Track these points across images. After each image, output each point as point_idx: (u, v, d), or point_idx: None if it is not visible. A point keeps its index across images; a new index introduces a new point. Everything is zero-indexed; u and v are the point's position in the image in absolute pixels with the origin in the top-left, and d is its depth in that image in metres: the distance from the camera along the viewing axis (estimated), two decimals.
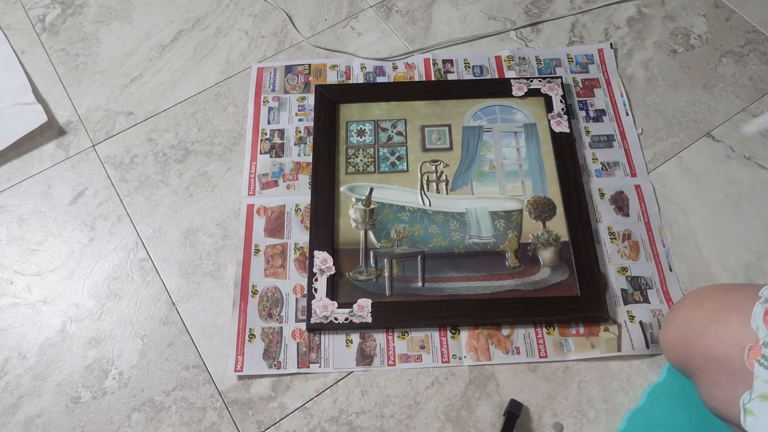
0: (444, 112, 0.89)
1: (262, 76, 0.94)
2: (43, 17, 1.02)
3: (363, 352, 0.73)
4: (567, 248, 0.78)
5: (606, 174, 0.85)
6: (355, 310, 0.74)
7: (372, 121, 0.89)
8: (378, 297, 0.76)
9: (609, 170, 0.85)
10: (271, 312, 0.76)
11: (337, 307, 0.74)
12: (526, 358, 0.72)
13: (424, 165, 0.85)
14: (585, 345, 0.73)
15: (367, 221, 0.81)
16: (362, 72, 0.94)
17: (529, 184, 0.84)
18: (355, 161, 0.85)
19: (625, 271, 0.78)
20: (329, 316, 0.74)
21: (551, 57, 0.96)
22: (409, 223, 0.81)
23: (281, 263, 0.79)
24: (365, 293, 0.76)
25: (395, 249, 0.79)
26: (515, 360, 0.73)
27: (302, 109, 0.91)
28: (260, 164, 0.86)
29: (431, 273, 0.77)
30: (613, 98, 0.92)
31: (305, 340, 0.74)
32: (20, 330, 0.76)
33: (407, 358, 0.73)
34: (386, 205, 0.82)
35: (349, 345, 0.74)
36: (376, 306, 0.75)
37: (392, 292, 0.76)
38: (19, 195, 0.86)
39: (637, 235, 0.80)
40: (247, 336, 0.74)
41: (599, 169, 0.85)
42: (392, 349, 0.73)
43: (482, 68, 0.95)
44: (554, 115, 0.88)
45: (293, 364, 0.72)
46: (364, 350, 0.73)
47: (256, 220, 0.82)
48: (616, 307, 0.75)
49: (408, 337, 0.74)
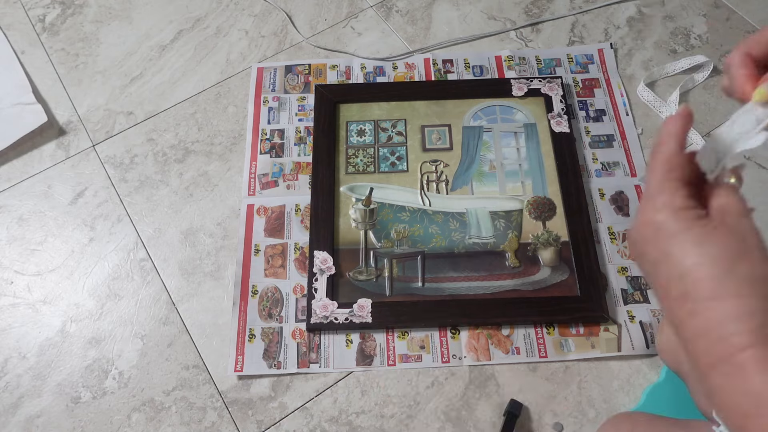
0: (444, 112, 0.89)
1: (262, 76, 0.94)
2: (43, 17, 1.02)
3: (363, 352, 0.73)
4: (567, 248, 0.78)
5: (606, 174, 0.85)
6: (355, 310, 0.74)
7: (372, 121, 0.89)
8: (378, 297, 0.76)
9: (609, 170, 0.85)
10: (271, 312, 0.76)
11: (337, 307, 0.74)
12: (526, 358, 0.72)
13: (424, 165, 0.85)
14: (585, 345, 0.73)
15: (367, 221, 0.81)
16: (362, 72, 0.94)
17: (529, 184, 0.84)
18: (355, 161, 0.85)
19: (625, 271, 0.78)
20: (329, 316, 0.74)
21: (551, 57, 0.96)
22: (409, 223, 0.81)
23: (281, 263, 0.79)
24: (365, 293, 0.76)
25: (395, 249, 0.79)
26: (515, 360, 0.72)
27: (302, 109, 0.91)
28: (260, 164, 0.86)
29: (431, 273, 0.77)
30: (613, 98, 0.92)
31: (305, 340, 0.74)
32: (20, 330, 0.76)
33: (407, 358, 0.73)
34: (386, 205, 0.82)
35: (349, 345, 0.74)
36: (376, 306, 0.75)
37: (392, 292, 0.76)
38: (19, 195, 0.86)
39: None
40: (247, 336, 0.74)
41: (599, 169, 0.85)
42: (392, 349, 0.73)
43: (482, 68, 0.95)
44: (554, 115, 0.88)
45: (293, 364, 0.72)
46: (364, 350, 0.73)
47: (256, 220, 0.82)
48: (616, 307, 0.75)
49: (408, 337, 0.74)
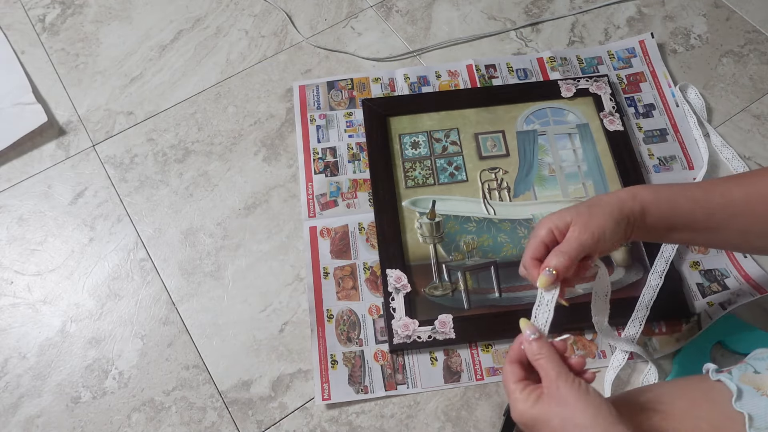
0: (495, 119, 0.88)
1: (305, 94, 0.92)
2: (43, 17, 1.02)
3: (449, 368, 0.72)
4: (637, 247, 0.77)
5: (664, 169, 0.84)
6: (437, 327, 0.72)
7: (424, 132, 0.87)
8: (457, 311, 0.74)
9: (667, 165, 0.84)
10: (349, 336, 0.74)
11: (418, 326, 0.72)
12: (612, 361, 0.71)
13: (483, 173, 0.84)
14: (669, 341, 0.72)
15: (435, 235, 0.79)
16: (406, 83, 0.93)
17: (591, 185, 0.83)
18: (413, 174, 0.84)
19: (698, 265, 0.77)
20: (412, 335, 0.72)
21: (592, 56, 0.95)
22: (476, 233, 0.79)
23: (352, 285, 0.77)
24: (443, 308, 0.74)
25: (466, 261, 0.78)
26: (602, 364, 0.71)
27: (351, 125, 0.89)
28: (316, 184, 0.84)
29: (506, 282, 0.76)
30: (661, 90, 0.91)
31: (388, 361, 0.72)
32: (20, 330, 0.76)
33: (495, 371, 0.71)
34: (451, 217, 0.81)
35: (434, 363, 0.72)
36: (457, 321, 0.73)
37: (470, 305, 0.75)
38: (19, 195, 0.86)
39: None
40: (329, 362, 0.72)
41: (657, 164, 0.84)
42: (478, 363, 0.72)
43: (526, 71, 0.93)
44: (606, 114, 0.87)
45: (380, 387, 0.71)
46: (450, 367, 0.72)
47: (321, 243, 0.80)
48: (695, 301, 0.75)
49: (492, 350, 0.73)
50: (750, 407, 0.51)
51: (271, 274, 0.79)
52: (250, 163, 0.87)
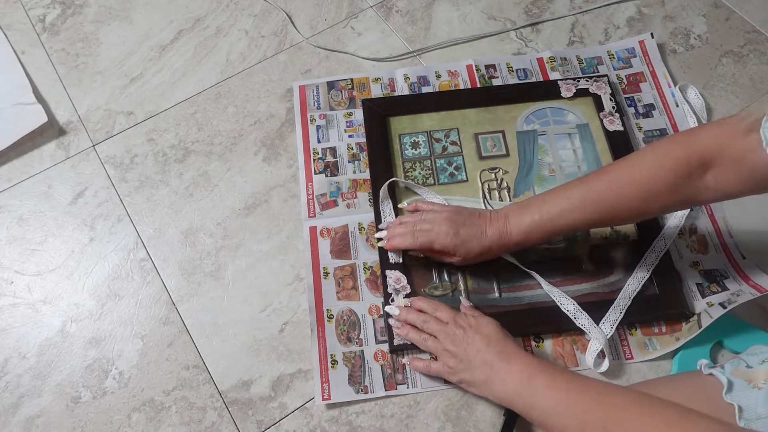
0: (495, 119, 0.88)
1: (305, 95, 0.92)
2: (43, 17, 1.02)
3: None
4: (638, 247, 0.78)
5: None
6: None
7: (424, 132, 0.87)
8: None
9: None
10: (349, 336, 0.74)
11: None
12: (612, 361, 0.71)
13: (483, 173, 0.84)
14: (669, 341, 0.72)
15: None
16: (406, 83, 0.93)
17: None
18: (414, 174, 0.84)
19: (697, 265, 0.77)
20: None
21: (591, 56, 0.95)
22: None
23: (352, 285, 0.77)
24: None
25: None
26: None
27: (351, 125, 0.89)
28: (316, 184, 0.84)
29: (506, 282, 0.76)
30: (661, 90, 0.91)
31: (389, 361, 0.72)
32: (20, 330, 0.76)
33: None
34: None
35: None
36: None
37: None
38: (19, 195, 0.86)
39: (702, 228, 0.79)
40: (330, 362, 0.72)
41: None
42: None
43: (526, 71, 0.93)
44: (606, 114, 0.87)
45: (380, 387, 0.71)
46: None
47: (321, 243, 0.80)
48: (695, 301, 0.75)
49: None
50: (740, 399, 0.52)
51: (271, 274, 0.79)
52: (250, 163, 0.87)
